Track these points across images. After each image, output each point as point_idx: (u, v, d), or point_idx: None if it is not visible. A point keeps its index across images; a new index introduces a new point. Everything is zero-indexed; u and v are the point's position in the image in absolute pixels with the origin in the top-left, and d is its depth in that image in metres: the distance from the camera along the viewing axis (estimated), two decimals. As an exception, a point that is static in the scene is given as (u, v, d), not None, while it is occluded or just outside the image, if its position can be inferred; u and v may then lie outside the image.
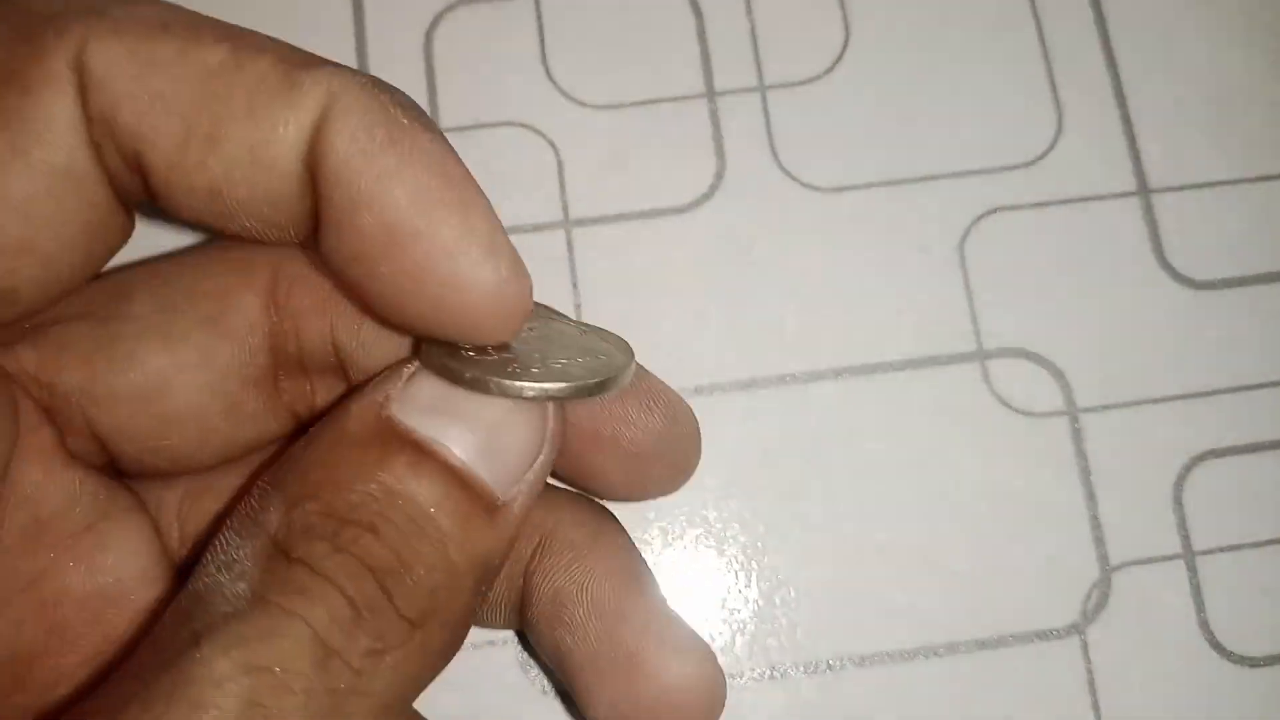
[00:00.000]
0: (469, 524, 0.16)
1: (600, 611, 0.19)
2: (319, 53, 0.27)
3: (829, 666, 0.24)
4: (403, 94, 0.17)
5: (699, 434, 0.21)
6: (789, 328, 0.26)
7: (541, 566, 0.20)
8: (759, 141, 0.27)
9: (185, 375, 0.18)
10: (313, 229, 0.17)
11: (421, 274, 0.16)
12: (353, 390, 0.18)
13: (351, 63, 0.27)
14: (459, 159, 0.16)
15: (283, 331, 0.19)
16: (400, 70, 0.27)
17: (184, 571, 0.19)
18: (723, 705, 0.19)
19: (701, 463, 0.25)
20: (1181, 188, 0.27)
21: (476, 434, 0.16)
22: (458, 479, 0.16)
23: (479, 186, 0.16)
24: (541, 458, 0.17)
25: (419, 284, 0.16)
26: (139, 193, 0.17)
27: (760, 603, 0.24)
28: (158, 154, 0.16)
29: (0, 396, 0.17)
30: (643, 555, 0.21)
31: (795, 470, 0.25)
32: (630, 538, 0.21)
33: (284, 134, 0.15)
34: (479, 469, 0.16)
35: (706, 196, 0.26)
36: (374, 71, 0.27)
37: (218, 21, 0.16)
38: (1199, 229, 0.27)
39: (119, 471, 0.19)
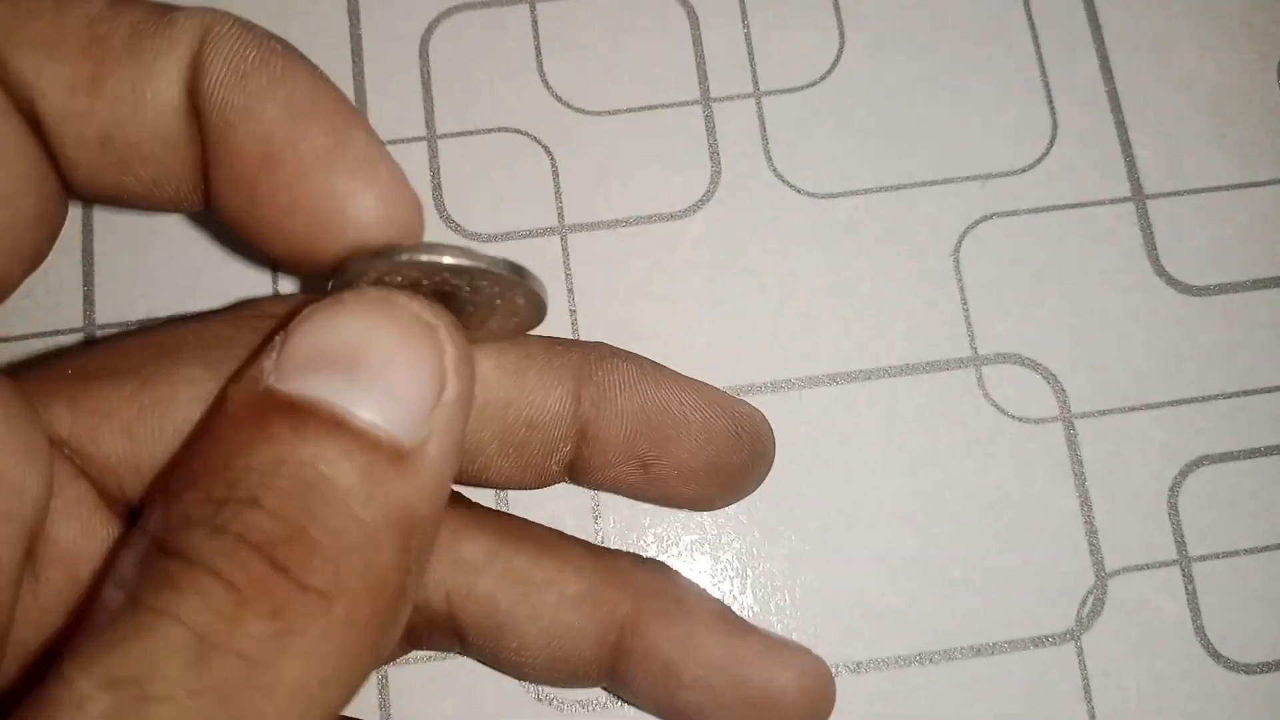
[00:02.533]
0: (373, 476, 0.14)
1: (720, 664, 0.19)
2: (315, 59, 0.27)
3: (824, 673, 0.24)
4: (278, 36, 0.17)
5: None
6: (784, 334, 0.26)
7: (642, 645, 0.20)
8: (754, 148, 0.27)
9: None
10: (205, 182, 0.17)
11: (298, 187, 0.15)
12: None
13: (347, 69, 0.27)
14: (334, 86, 0.17)
15: None
16: (396, 77, 0.27)
17: None
18: (835, 692, 0.21)
19: (697, 469, 0.25)
20: (1176, 193, 0.27)
21: (361, 381, 0.14)
22: (349, 431, 0.14)
23: (355, 109, 0.17)
24: (450, 391, 0.15)
25: (296, 199, 0.15)
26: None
27: (756, 609, 0.24)
28: (47, 102, 0.16)
29: (35, 449, 0.16)
30: None
31: (791, 476, 0.25)
32: (696, 583, 0.22)
33: (163, 68, 0.16)
34: (372, 416, 0.14)
35: (702, 203, 0.26)
36: (370, 78, 0.27)
37: None
38: (1194, 235, 0.27)
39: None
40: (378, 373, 0.15)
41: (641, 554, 0.22)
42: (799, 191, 0.27)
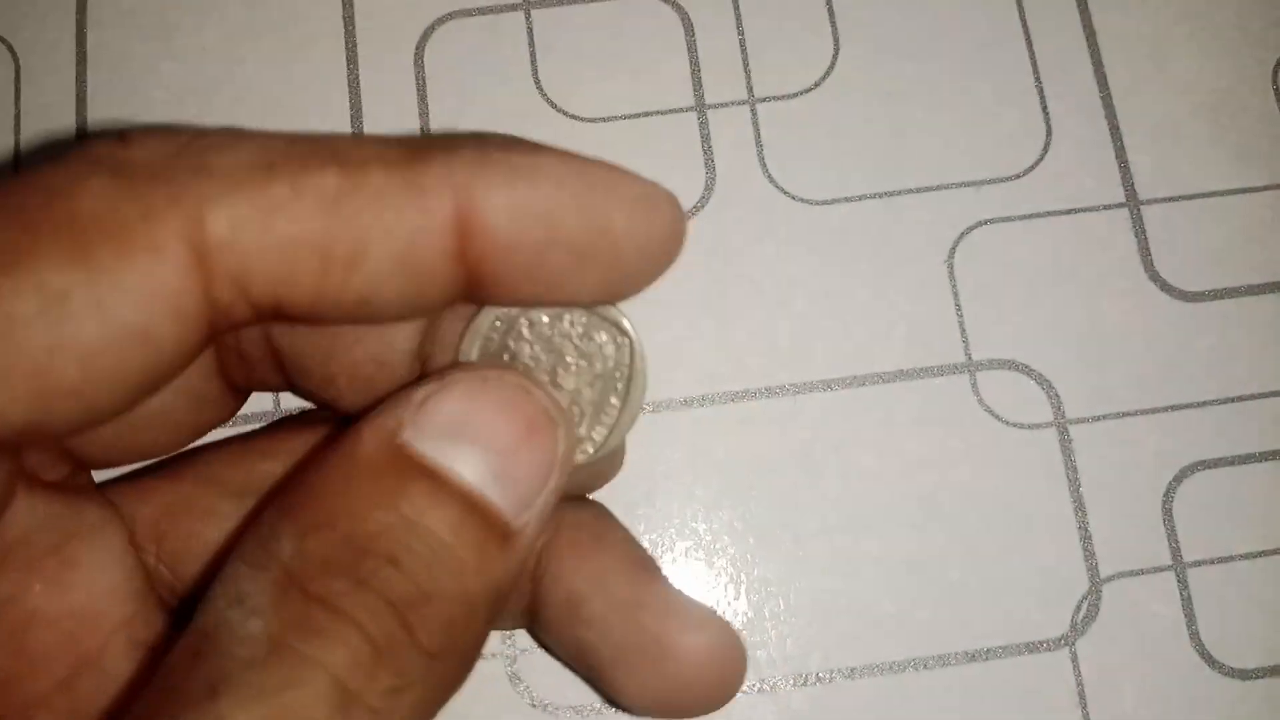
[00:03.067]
0: (484, 552, 0.16)
1: (619, 605, 0.19)
2: (311, 66, 0.27)
3: (819, 679, 0.24)
4: (498, 135, 0.17)
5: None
6: (779, 340, 0.26)
7: (551, 571, 0.19)
8: (749, 154, 0.27)
9: None
10: (460, 296, 0.17)
11: (616, 265, 0.16)
12: (362, 414, 0.17)
13: (342, 75, 0.27)
14: (567, 151, 0.17)
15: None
16: (391, 83, 0.27)
17: (184, 604, 0.19)
18: (745, 669, 0.20)
19: (692, 474, 0.25)
20: (1170, 199, 0.27)
21: (490, 460, 0.16)
22: (473, 506, 0.16)
23: (590, 157, 0.17)
24: (551, 484, 0.17)
25: (613, 270, 0.17)
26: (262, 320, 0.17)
27: (750, 615, 0.24)
28: (300, 292, 0.15)
29: None
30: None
31: (786, 482, 0.25)
32: (627, 529, 0.21)
33: (425, 239, 0.16)
34: (493, 495, 0.16)
35: (697, 209, 0.26)
36: (365, 85, 0.27)
37: (308, 137, 0.16)
38: (1188, 240, 0.27)
39: (83, 468, 0.19)
40: (505, 456, 0.16)
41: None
42: (793, 198, 0.27)
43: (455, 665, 0.16)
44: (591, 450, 0.18)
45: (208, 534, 0.19)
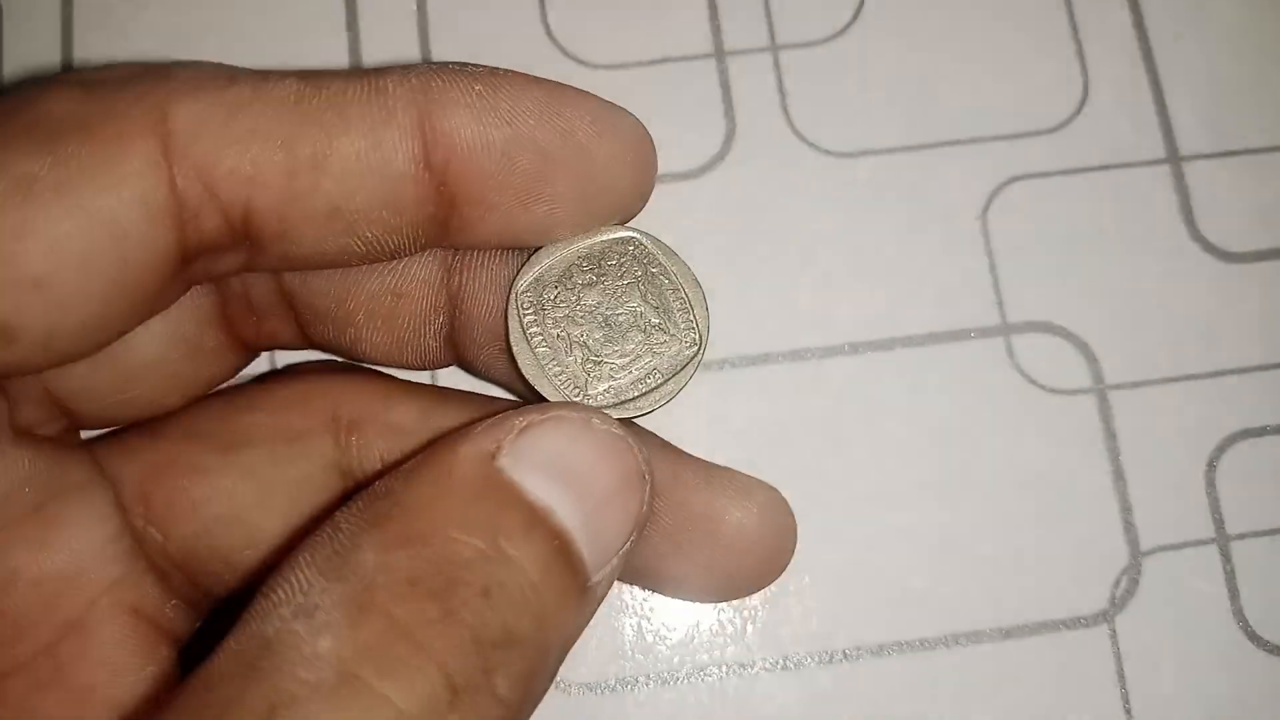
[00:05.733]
0: (565, 603, 0.15)
1: (660, 488, 0.18)
2: (306, 10, 0.26)
3: (845, 656, 0.23)
4: (454, 62, 0.17)
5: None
6: (803, 300, 0.25)
7: None
8: (771, 104, 0.25)
9: (146, 326, 0.17)
10: (438, 222, 0.17)
11: (588, 171, 0.17)
12: (451, 432, 0.17)
13: (340, 20, 0.26)
14: (528, 74, 0.17)
15: None
16: (393, 31, 0.26)
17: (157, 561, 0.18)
18: (796, 536, 0.20)
19: (710, 443, 0.24)
20: (1214, 155, 0.26)
21: (584, 508, 0.15)
22: (562, 550, 0.15)
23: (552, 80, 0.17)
24: (627, 547, 0.16)
25: (586, 178, 0.17)
26: (233, 258, 0.17)
27: (772, 590, 0.23)
28: (269, 190, 0.16)
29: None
30: None
31: (809, 450, 0.24)
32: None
33: (390, 136, 0.16)
34: (581, 543, 0.15)
35: (715, 161, 0.25)
36: (364, 30, 0.26)
37: (276, 69, 0.17)
38: (1232, 198, 0.25)
39: (78, 425, 0.18)
40: (599, 506, 0.16)
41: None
42: (819, 150, 0.25)
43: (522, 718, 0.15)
44: (697, 348, 0.19)
45: (194, 490, 0.18)
